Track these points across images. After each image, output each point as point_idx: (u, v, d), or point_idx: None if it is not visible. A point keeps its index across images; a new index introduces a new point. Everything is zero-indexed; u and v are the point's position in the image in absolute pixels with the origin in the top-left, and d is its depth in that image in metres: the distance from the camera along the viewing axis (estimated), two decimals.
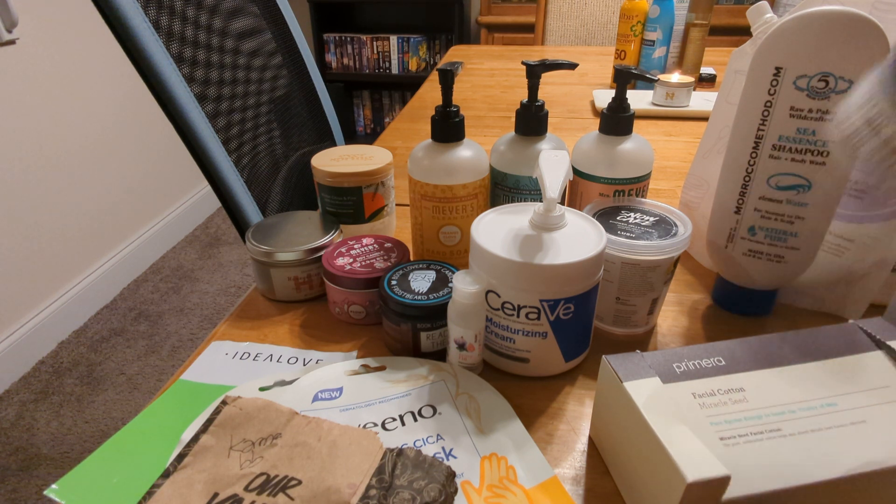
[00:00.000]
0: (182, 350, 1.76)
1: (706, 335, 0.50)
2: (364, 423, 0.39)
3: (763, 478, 0.29)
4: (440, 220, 0.53)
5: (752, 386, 0.34)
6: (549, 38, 1.94)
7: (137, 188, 2.14)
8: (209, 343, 0.50)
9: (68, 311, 1.82)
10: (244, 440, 0.37)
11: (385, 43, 2.86)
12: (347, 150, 0.63)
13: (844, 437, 0.31)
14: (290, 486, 0.33)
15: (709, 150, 0.58)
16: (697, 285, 0.57)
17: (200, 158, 0.68)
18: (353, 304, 0.50)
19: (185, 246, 2.32)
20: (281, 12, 0.96)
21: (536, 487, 0.35)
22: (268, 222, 0.57)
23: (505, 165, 0.52)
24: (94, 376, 1.65)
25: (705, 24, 1.17)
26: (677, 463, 0.28)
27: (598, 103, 1.12)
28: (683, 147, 0.94)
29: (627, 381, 0.34)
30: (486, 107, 1.16)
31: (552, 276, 0.39)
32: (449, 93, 0.50)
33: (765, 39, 0.41)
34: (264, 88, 0.88)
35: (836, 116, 0.27)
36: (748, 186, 0.46)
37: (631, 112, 0.51)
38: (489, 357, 0.46)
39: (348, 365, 0.45)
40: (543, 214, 0.42)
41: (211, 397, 0.43)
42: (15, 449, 1.43)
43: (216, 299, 1.98)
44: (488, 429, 0.39)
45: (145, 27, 0.61)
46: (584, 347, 0.45)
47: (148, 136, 2.19)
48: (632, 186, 0.52)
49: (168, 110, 0.65)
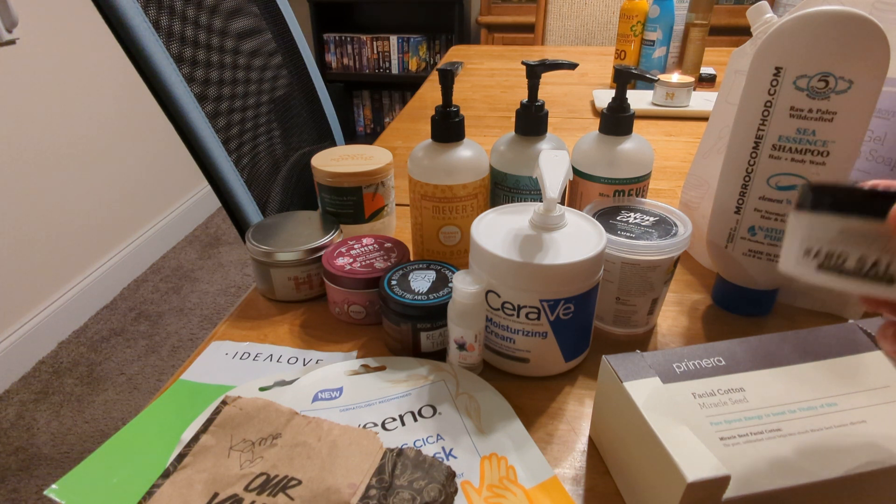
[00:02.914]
0: (182, 350, 1.76)
1: (706, 335, 0.50)
2: (364, 423, 0.39)
3: (763, 478, 0.29)
4: (440, 220, 0.53)
5: (752, 386, 0.34)
6: (549, 38, 1.94)
7: (137, 188, 2.14)
8: (209, 343, 0.50)
9: (68, 311, 1.82)
10: (244, 440, 0.37)
11: (385, 43, 2.86)
12: (347, 150, 0.63)
13: (844, 437, 0.31)
14: (290, 486, 0.33)
15: (709, 150, 0.58)
16: (697, 285, 0.57)
17: (200, 158, 0.68)
18: (353, 304, 0.50)
19: (185, 246, 2.32)
20: (281, 12, 0.96)
21: (536, 487, 0.35)
22: (268, 222, 0.57)
23: (505, 165, 0.52)
24: (94, 376, 1.65)
25: (705, 24, 1.17)
26: (677, 463, 0.28)
27: (598, 103, 1.12)
28: (683, 147, 0.94)
29: (627, 381, 0.34)
30: (486, 107, 1.16)
31: (552, 276, 0.39)
32: (449, 93, 0.50)
33: (765, 39, 0.41)
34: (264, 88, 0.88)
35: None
36: (748, 186, 0.46)
37: (631, 112, 0.51)
38: (489, 357, 0.46)
39: (348, 365, 0.45)
40: (543, 214, 0.42)
41: (211, 397, 0.43)
42: (15, 449, 1.43)
43: (216, 299, 1.98)
44: (488, 429, 0.39)
45: (145, 27, 0.61)
46: (584, 347, 0.45)
47: (148, 136, 2.19)
48: (632, 186, 0.52)
49: (168, 110, 0.65)
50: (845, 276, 0.22)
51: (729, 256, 0.49)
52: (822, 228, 0.23)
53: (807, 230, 0.24)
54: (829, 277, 0.23)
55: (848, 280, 0.22)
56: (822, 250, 0.23)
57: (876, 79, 0.39)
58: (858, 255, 0.22)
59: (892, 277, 0.21)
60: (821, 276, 0.23)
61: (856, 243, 0.22)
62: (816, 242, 0.23)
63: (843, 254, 0.22)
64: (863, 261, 0.22)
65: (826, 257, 0.23)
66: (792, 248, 0.25)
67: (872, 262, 0.22)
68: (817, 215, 0.23)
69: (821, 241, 0.23)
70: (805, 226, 0.24)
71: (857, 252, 0.22)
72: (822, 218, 0.23)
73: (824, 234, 0.23)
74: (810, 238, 0.24)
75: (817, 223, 0.23)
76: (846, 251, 0.22)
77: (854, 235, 0.22)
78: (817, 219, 0.23)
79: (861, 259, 0.22)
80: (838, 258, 0.22)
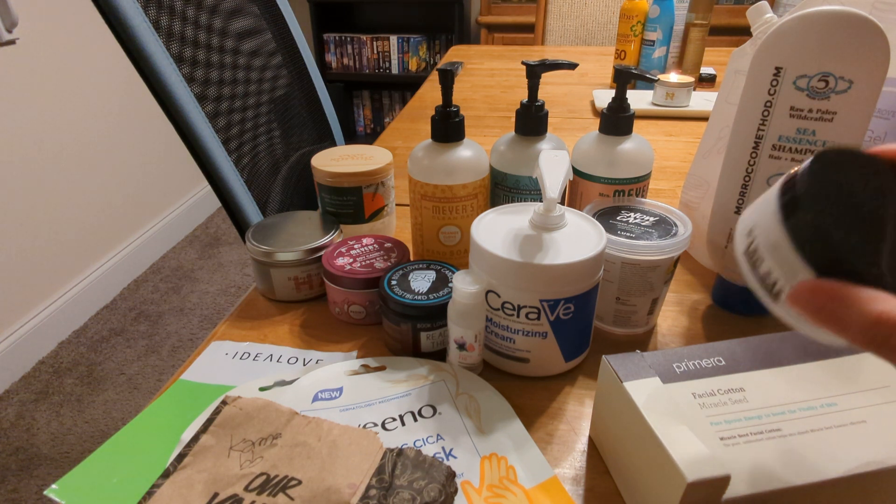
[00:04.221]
0: (182, 350, 1.76)
1: (706, 335, 0.50)
2: (364, 423, 0.39)
3: (763, 478, 0.29)
4: (440, 220, 0.53)
5: (752, 386, 0.34)
6: (549, 38, 1.94)
7: (137, 188, 2.14)
8: (209, 343, 0.50)
9: (68, 311, 1.82)
10: (244, 440, 0.37)
11: (385, 43, 2.86)
12: (347, 150, 0.63)
13: (844, 437, 0.31)
14: (290, 486, 0.33)
15: (709, 150, 0.58)
16: (697, 285, 0.57)
17: (200, 158, 0.68)
18: (353, 304, 0.50)
19: (185, 246, 2.32)
20: (281, 12, 0.96)
21: (536, 487, 0.35)
22: (268, 222, 0.57)
23: (505, 165, 0.52)
24: (94, 376, 1.65)
25: (705, 24, 1.17)
26: (677, 463, 0.28)
27: (598, 103, 1.12)
28: (683, 147, 0.94)
29: (627, 381, 0.34)
30: (486, 107, 1.16)
31: (552, 276, 0.39)
32: (449, 93, 0.50)
33: (765, 39, 0.41)
34: (264, 88, 0.88)
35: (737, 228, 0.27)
36: (748, 186, 0.46)
37: (631, 112, 0.51)
38: (489, 357, 0.46)
39: (348, 365, 0.45)
40: (543, 214, 0.42)
41: (211, 397, 0.43)
42: (15, 449, 1.43)
43: (216, 299, 1.98)
44: (488, 429, 0.39)
45: (145, 27, 0.61)
46: (584, 347, 0.45)
47: (148, 136, 2.19)
48: (632, 186, 0.52)
49: (168, 110, 0.65)
50: (752, 271, 0.25)
51: (729, 256, 0.49)
52: (772, 229, 0.24)
53: (765, 217, 0.25)
54: (744, 262, 0.26)
55: (750, 274, 0.25)
56: (755, 242, 0.25)
57: (876, 79, 0.39)
58: (768, 268, 0.24)
59: (778, 294, 0.24)
60: (741, 258, 0.26)
61: (775, 259, 0.24)
62: (758, 232, 0.25)
63: (761, 258, 0.25)
64: (767, 275, 0.24)
65: (752, 250, 0.25)
66: (750, 217, 0.26)
67: (773, 280, 0.24)
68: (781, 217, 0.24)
69: (762, 234, 0.25)
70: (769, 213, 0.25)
71: (770, 264, 0.24)
72: (779, 222, 0.24)
73: (768, 234, 0.24)
74: (759, 225, 0.25)
75: (774, 221, 0.24)
76: (763, 257, 0.24)
77: (782, 253, 0.23)
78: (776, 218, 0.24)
79: (767, 273, 0.24)
80: (757, 256, 0.25)
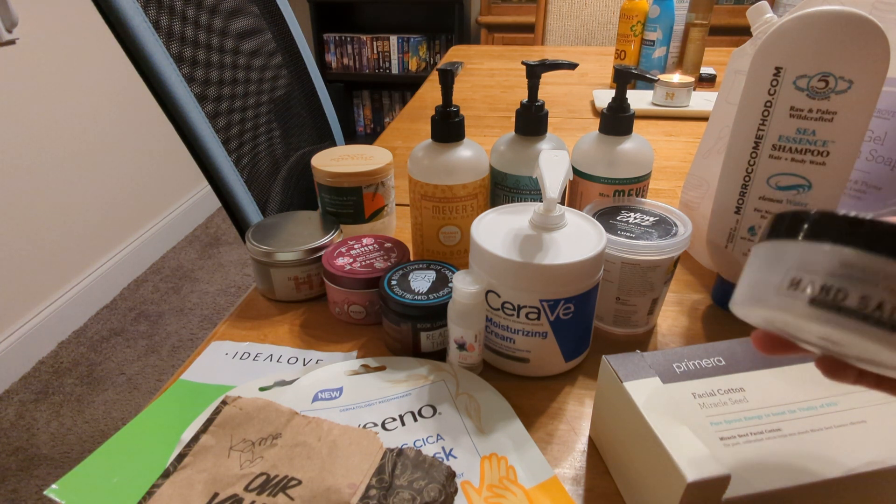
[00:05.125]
0: (182, 350, 1.76)
1: (706, 335, 0.50)
2: (364, 423, 0.39)
3: (763, 478, 0.29)
4: (440, 220, 0.53)
5: (752, 386, 0.34)
6: (549, 38, 1.94)
7: (137, 188, 2.14)
8: (209, 343, 0.50)
9: (68, 311, 1.82)
10: (244, 440, 0.37)
11: (385, 43, 2.86)
12: (347, 150, 0.63)
13: (844, 437, 0.31)
14: (290, 486, 0.33)
15: (709, 150, 0.58)
16: (697, 285, 0.57)
17: (200, 158, 0.68)
18: (353, 304, 0.50)
19: (185, 246, 2.32)
20: (281, 12, 0.96)
21: (536, 487, 0.35)
22: (268, 222, 0.57)
23: (505, 165, 0.52)
24: (94, 376, 1.65)
25: (705, 24, 1.17)
26: (677, 463, 0.28)
27: (598, 103, 1.12)
28: (683, 147, 0.94)
29: (627, 381, 0.34)
30: (486, 107, 1.16)
31: (552, 276, 0.39)
32: (449, 93, 0.50)
33: (765, 39, 0.41)
34: (264, 88, 0.88)
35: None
36: (748, 186, 0.46)
37: (631, 112, 0.51)
38: (489, 357, 0.46)
39: (348, 365, 0.45)
40: (543, 214, 0.42)
41: (211, 397, 0.43)
42: (15, 449, 1.43)
43: (216, 299, 1.98)
44: (488, 429, 0.39)
45: (145, 27, 0.61)
46: (584, 347, 0.45)
47: (148, 136, 2.18)
48: (632, 186, 0.52)
49: (168, 110, 0.65)
50: (843, 314, 0.20)
51: (729, 256, 0.49)
52: (821, 259, 0.21)
53: (797, 259, 0.22)
54: (821, 314, 0.21)
55: (844, 319, 0.20)
56: (817, 283, 0.21)
57: (876, 79, 0.39)
58: (861, 293, 0.20)
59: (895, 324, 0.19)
60: (812, 312, 0.21)
61: (859, 280, 0.20)
62: (809, 274, 0.21)
63: (843, 289, 0.20)
64: (866, 300, 0.20)
65: (822, 291, 0.21)
66: (768, 280, 0.23)
67: (877, 303, 0.19)
68: (814, 244, 0.21)
69: (816, 272, 0.21)
70: (794, 255, 0.22)
71: (860, 290, 0.20)
72: (821, 248, 0.21)
73: (822, 266, 0.21)
74: (801, 268, 0.21)
75: (813, 253, 0.21)
76: (846, 287, 0.20)
77: (859, 270, 0.20)
78: (814, 248, 0.21)
79: (864, 298, 0.20)
80: (837, 293, 0.20)
